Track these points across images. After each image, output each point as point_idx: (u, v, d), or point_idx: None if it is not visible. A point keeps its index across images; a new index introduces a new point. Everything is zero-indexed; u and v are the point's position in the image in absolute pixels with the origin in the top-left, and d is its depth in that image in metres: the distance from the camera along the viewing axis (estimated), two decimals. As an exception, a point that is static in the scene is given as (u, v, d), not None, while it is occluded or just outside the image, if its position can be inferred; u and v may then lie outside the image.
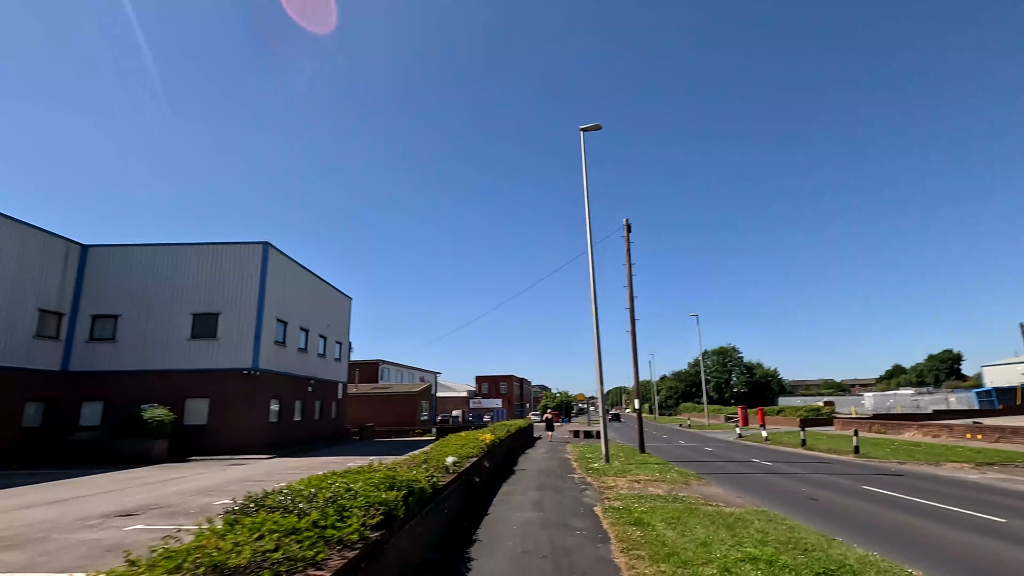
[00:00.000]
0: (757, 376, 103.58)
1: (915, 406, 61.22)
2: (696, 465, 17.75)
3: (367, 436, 37.66)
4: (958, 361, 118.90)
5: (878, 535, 7.83)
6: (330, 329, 34.86)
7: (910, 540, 7.55)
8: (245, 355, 24.82)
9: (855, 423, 34.89)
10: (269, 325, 26.14)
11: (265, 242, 26.23)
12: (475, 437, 13.51)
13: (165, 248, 26.06)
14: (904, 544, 7.31)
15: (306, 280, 31.31)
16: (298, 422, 29.46)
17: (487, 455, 12.64)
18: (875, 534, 7.90)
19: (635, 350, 20.67)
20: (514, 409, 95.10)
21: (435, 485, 6.75)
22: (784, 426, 44.12)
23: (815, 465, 18.06)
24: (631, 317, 20.80)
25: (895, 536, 7.81)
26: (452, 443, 11.91)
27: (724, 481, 13.74)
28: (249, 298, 25.52)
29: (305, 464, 20.03)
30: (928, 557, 6.62)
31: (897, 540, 7.53)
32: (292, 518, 3.79)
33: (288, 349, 28.27)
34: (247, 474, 16.97)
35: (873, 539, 7.49)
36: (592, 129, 18.56)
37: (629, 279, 20.96)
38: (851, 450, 21.49)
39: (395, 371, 61.26)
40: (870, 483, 13.46)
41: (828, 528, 7.90)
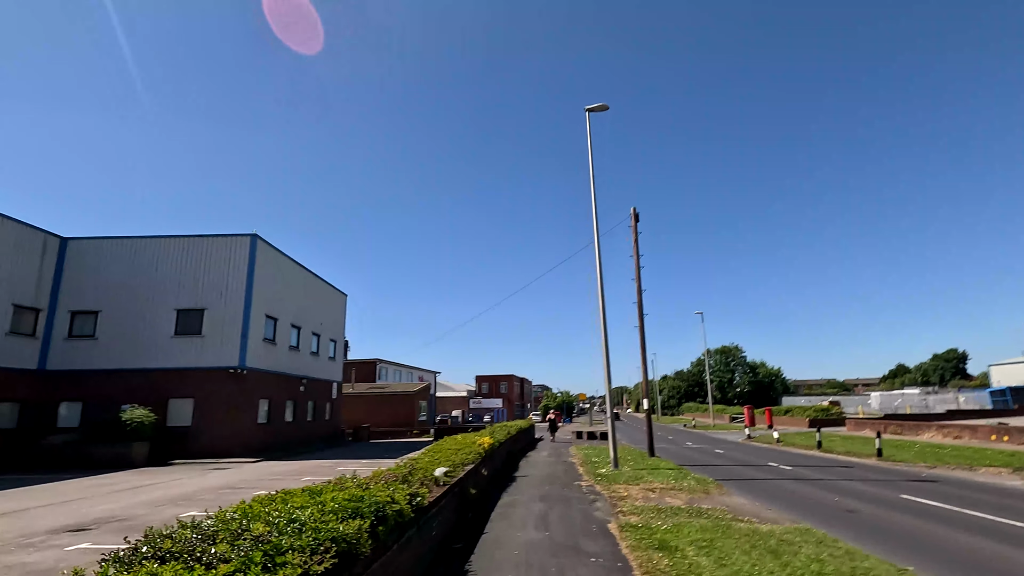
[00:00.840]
0: (760, 376, 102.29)
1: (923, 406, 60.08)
2: (711, 470, 16.51)
3: (363, 437, 36.44)
4: (964, 360, 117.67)
5: (950, 562, 6.59)
6: (324, 327, 33.63)
7: (995, 570, 6.31)
8: (232, 353, 23.59)
9: (868, 423, 33.64)
10: (257, 321, 24.91)
11: (253, 234, 25.00)
12: (472, 441, 12.28)
13: (148, 241, 24.84)
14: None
15: (298, 275, 30.08)
16: (290, 423, 28.24)
17: (485, 461, 11.41)
18: (944, 560, 6.67)
19: (643, 346, 19.43)
20: (514, 409, 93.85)
21: (419, 505, 5.52)
22: (793, 426, 42.83)
23: (838, 470, 16.81)
24: (639, 312, 19.56)
25: (972, 563, 6.57)
26: (446, 448, 10.69)
27: (746, 489, 12.49)
28: (236, 293, 24.29)
29: (293, 468, 18.81)
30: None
31: (978, 570, 6.29)
32: (196, 574, 2.57)
33: (278, 347, 27.05)
34: (227, 480, 15.74)
35: (946, 568, 6.26)
36: (598, 109, 17.33)
37: (637, 271, 19.72)
38: (872, 453, 20.23)
39: (393, 371, 60.03)
40: (907, 491, 12.21)
41: (885, 552, 6.67)
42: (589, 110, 17.37)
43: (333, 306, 35.87)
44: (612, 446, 14.76)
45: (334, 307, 36.03)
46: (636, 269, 19.72)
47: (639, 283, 19.63)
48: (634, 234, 19.95)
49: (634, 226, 20.00)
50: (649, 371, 67.92)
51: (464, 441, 12.24)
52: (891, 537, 7.88)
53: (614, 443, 14.80)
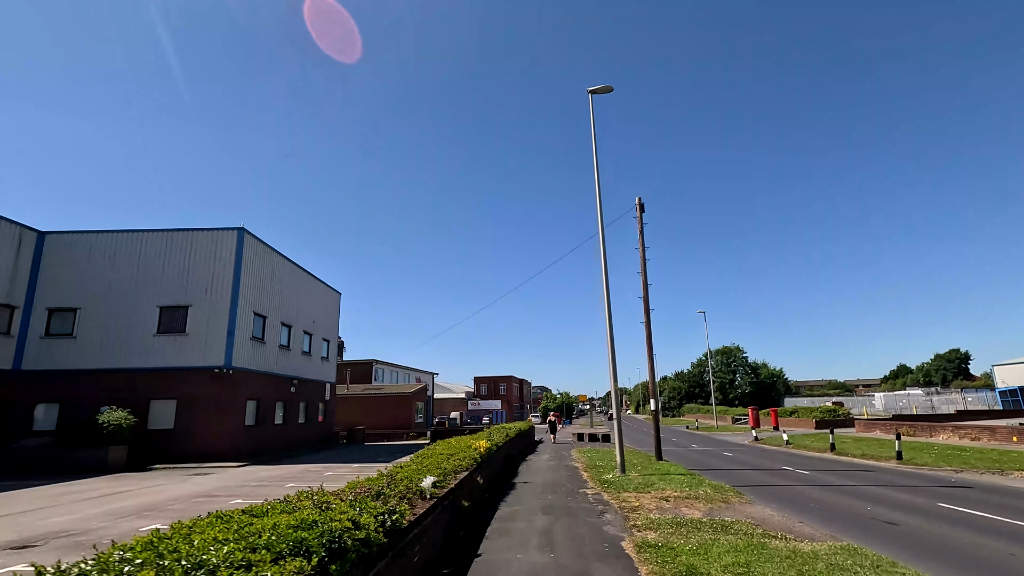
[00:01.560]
0: (762, 376, 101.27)
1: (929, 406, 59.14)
2: (724, 475, 15.44)
3: (357, 440, 35.30)
4: (966, 361, 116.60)
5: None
6: (316, 325, 32.52)
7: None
8: (217, 352, 22.48)
9: (879, 424, 32.60)
10: (245, 319, 23.81)
11: (240, 228, 23.91)
12: (467, 444, 11.21)
13: (130, 235, 23.73)
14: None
15: (289, 272, 28.99)
16: (280, 426, 27.11)
17: (481, 467, 10.33)
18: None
19: (649, 342, 18.37)
20: (513, 411, 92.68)
21: (395, 526, 4.44)
22: (799, 428, 41.77)
23: (859, 475, 15.74)
24: (645, 307, 18.50)
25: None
26: (437, 453, 9.62)
27: (768, 497, 11.42)
28: (222, 289, 23.19)
29: (278, 473, 17.70)
30: None
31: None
32: None
33: (267, 346, 25.94)
34: (205, 487, 14.63)
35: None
36: (602, 91, 16.30)
37: (643, 264, 18.67)
38: (890, 455, 19.20)
39: (390, 371, 58.89)
40: (942, 499, 11.16)
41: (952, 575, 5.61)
42: (592, 92, 16.33)
43: (326, 304, 34.76)
44: (619, 450, 13.68)
45: (327, 306, 34.93)
46: (642, 261, 18.68)
47: (645, 276, 18.59)
48: (639, 224, 18.91)
49: (639, 216, 18.96)
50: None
51: (458, 445, 11.17)
52: (950, 556, 6.81)
53: (621, 446, 13.72)
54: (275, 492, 13.47)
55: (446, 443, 11.72)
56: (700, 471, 15.89)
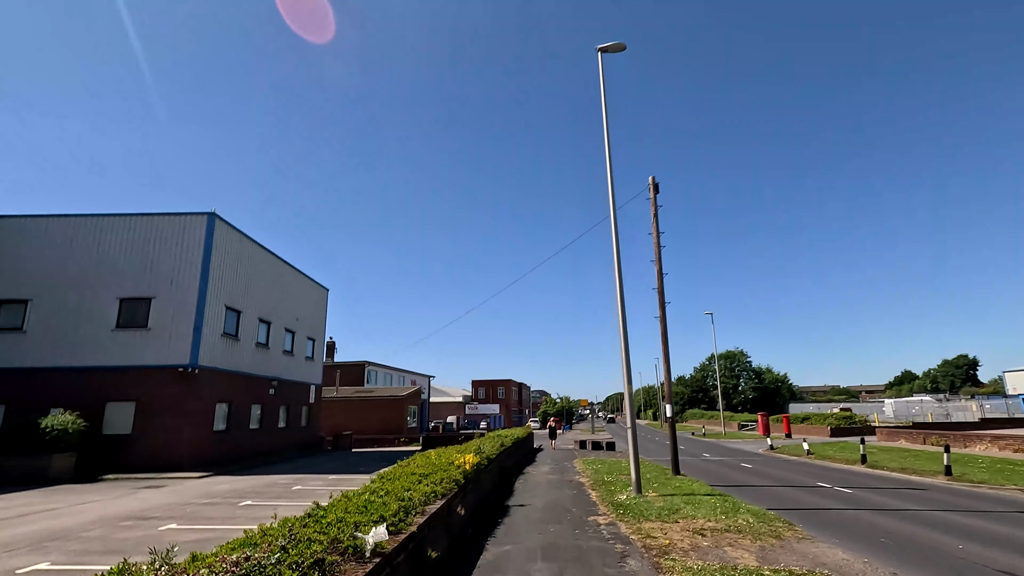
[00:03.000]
0: (766, 381, 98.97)
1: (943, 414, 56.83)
2: (755, 494, 13.22)
3: (344, 446, 33.03)
4: (974, 367, 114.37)
5: None
6: (300, 323, 30.31)
7: None
8: (182, 349, 20.28)
9: (903, 433, 30.34)
10: (215, 314, 21.61)
11: (211, 212, 21.73)
12: (449, 461, 8.99)
13: (88, 220, 21.55)
14: None
15: (268, 264, 26.79)
16: (256, 431, 24.87)
17: (464, 492, 8.11)
18: None
19: (665, 340, 16.17)
20: (512, 415, 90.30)
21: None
22: (813, 435, 39.48)
23: (911, 494, 13.52)
24: (660, 300, 16.31)
25: None
26: (408, 474, 7.42)
27: (824, 527, 9.20)
28: (189, 281, 20.99)
29: (241, 487, 15.43)
30: None
31: None
32: None
33: (242, 343, 23.72)
34: (147, 505, 12.39)
35: None
36: (613, 50, 14.16)
37: (657, 251, 16.49)
38: (935, 470, 16.99)
39: (384, 374, 56.58)
40: (1040, 531, 8.94)
41: None
42: (601, 50, 14.19)
43: (311, 301, 32.56)
44: (634, 465, 11.44)
45: (313, 302, 32.72)
46: (656, 248, 16.50)
47: (660, 265, 16.40)
48: (653, 207, 16.74)
49: (653, 198, 16.80)
50: (651, 377, 63.10)
51: (439, 461, 8.96)
52: None
53: (636, 461, 11.48)
54: (223, 513, 11.24)
55: (424, 457, 9.52)
56: (725, 488, 13.67)
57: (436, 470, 8.03)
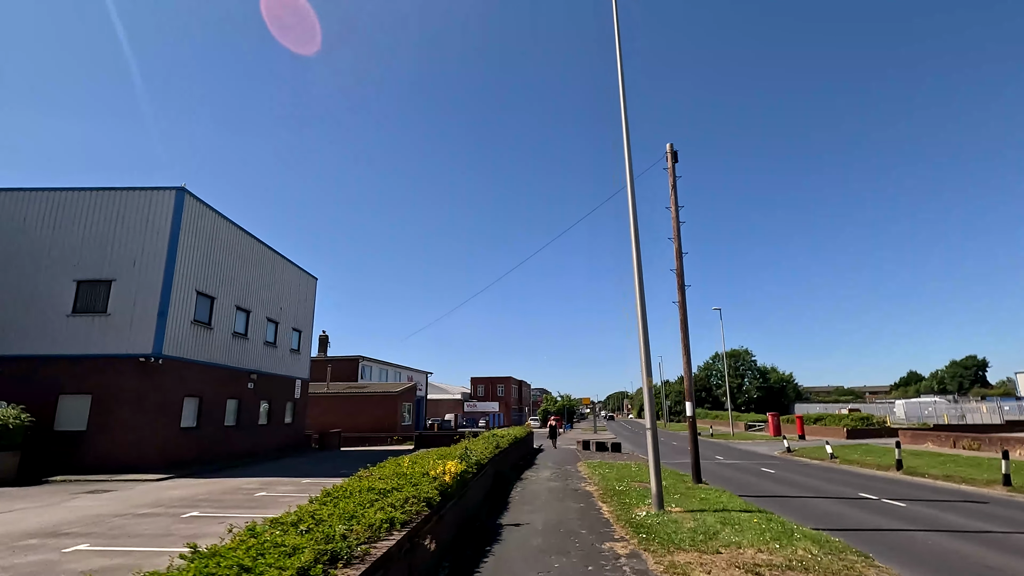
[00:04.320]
0: (771, 381, 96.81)
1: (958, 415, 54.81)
2: (792, 508, 11.23)
3: (332, 445, 31.06)
4: (983, 368, 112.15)
5: None
6: (285, 313, 28.33)
7: None
8: (144, 337, 18.30)
9: (930, 435, 28.30)
10: (183, 299, 19.63)
11: (180, 187, 19.74)
12: (424, 469, 7.00)
13: (42, 195, 19.56)
14: None
15: (248, 248, 24.78)
16: (232, 428, 22.89)
17: (438, 515, 6.08)
18: None
19: (685, 328, 14.14)
20: (512, 414, 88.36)
21: None
22: (828, 437, 37.42)
23: (976, 509, 11.51)
24: (679, 283, 14.28)
25: None
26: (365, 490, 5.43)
27: (905, 559, 7.21)
28: (154, 262, 19.01)
29: (194, 494, 13.44)
30: None
31: None
32: None
33: (216, 332, 21.74)
34: (73, 516, 10.41)
35: None
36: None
37: (675, 227, 14.46)
38: (988, 478, 15.01)
39: (379, 369, 54.57)
40: None
41: None
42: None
43: (298, 290, 30.56)
44: (654, 474, 9.43)
45: (300, 291, 30.72)
46: (674, 223, 14.46)
47: (678, 243, 14.37)
48: (671, 177, 14.71)
49: (671, 167, 14.77)
50: (657, 375, 60.45)
51: (411, 471, 6.96)
52: None
53: (657, 468, 9.47)
54: (156, 529, 9.26)
55: (396, 466, 7.53)
56: (755, 499, 11.68)
57: (404, 484, 6.04)
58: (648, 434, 9.60)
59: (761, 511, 9.33)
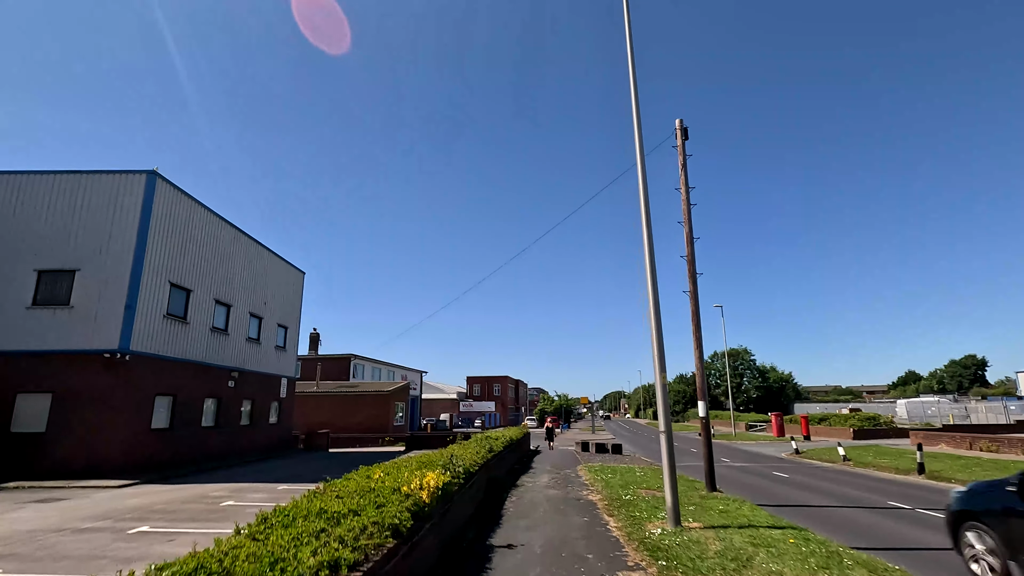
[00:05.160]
0: (771, 380, 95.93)
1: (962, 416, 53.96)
2: (821, 520, 10.00)
3: (319, 446, 29.70)
4: (983, 367, 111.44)
5: None
6: (269, 308, 26.97)
7: None
8: (110, 331, 16.94)
9: (943, 437, 27.17)
10: (154, 291, 18.27)
11: (151, 171, 18.38)
12: (396, 483, 5.70)
13: (2, 178, 18.18)
14: None
15: (228, 238, 23.42)
16: (210, 430, 21.53)
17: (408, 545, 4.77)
18: None
19: (697, 321, 12.90)
20: (508, 413, 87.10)
21: None
22: (833, 437, 36.30)
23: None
24: (690, 271, 13.03)
25: None
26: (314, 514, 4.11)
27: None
28: (121, 251, 17.66)
29: (160, 501, 12.11)
30: None
31: None
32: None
33: (192, 327, 20.38)
34: (3, 532, 9.08)
35: None
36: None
37: (686, 209, 13.21)
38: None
39: (371, 368, 53.21)
40: None
41: None
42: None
43: (284, 284, 29.20)
44: (670, 484, 8.16)
45: (286, 286, 29.36)
46: (684, 206, 13.21)
47: (689, 227, 13.11)
48: (681, 156, 13.46)
49: (681, 145, 13.51)
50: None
51: (380, 486, 5.66)
52: None
53: (673, 477, 8.20)
54: (89, 550, 7.94)
55: (364, 479, 6.23)
56: (777, 510, 10.44)
57: (367, 505, 4.75)
58: (662, 438, 8.34)
59: (795, 528, 8.08)
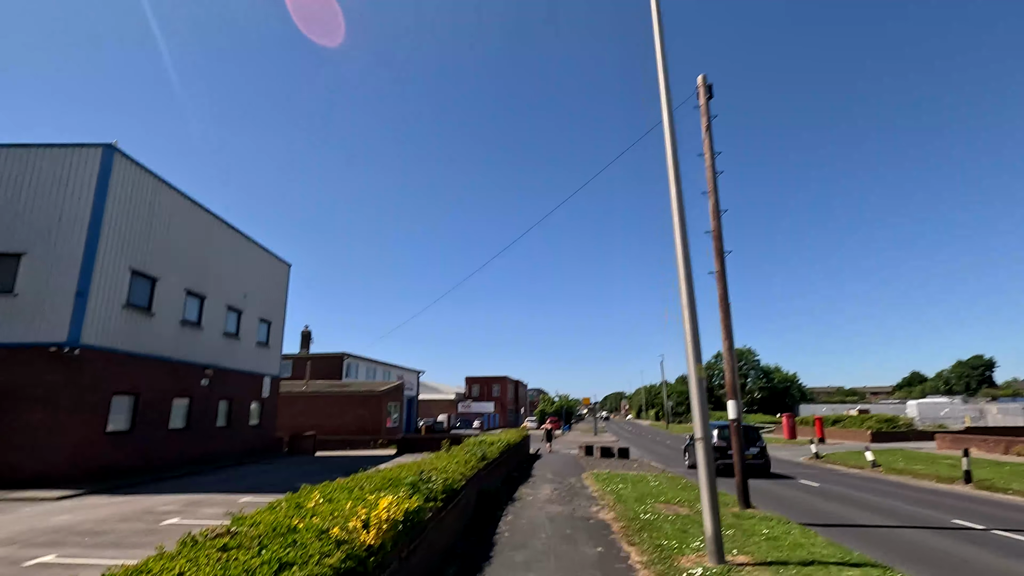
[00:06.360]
0: (776, 381, 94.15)
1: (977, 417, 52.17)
2: (880, 542, 8.15)
3: (304, 449, 27.80)
4: (990, 368, 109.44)
5: None
6: (249, 300, 25.09)
7: None
8: (58, 322, 15.09)
9: (972, 440, 25.33)
10: (112, 277, 16.42)
11: (108, 144, 16.54)
12: (330, 520, 3.82)
13: (-60, 150, 16.34)
14: None
15: (201, 224, 21.56)
16: (180, 432, 19.67)
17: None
18: None
19: (725, 303, 11.06)
20: (508, 414, 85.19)
21: None
22: (849, 440, 34.50)
23: None
24: (717, 246, 11.17)
25: None
26: None
27: None
28: (73, 232, 15.81)
29: (94, 518, 10.20)
30: None
31: None
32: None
33: (158, 320, 18.52)
34: None
35: None
36: None
37: (711, 177, 11.35)
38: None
39: (365, 367, 51.29)
40: None
41: None
42: None
43: (267, 277, 27.34)
44: (709, 507, 6.29)
45: (268, 278, 27.50)
46: (709, 173, 11.36)
47: (715, 196, 11.26)
48: (704, 117, 11.61)
49: (704, 105, 11.67)
50: (655, 376, 55.68)
51: (310, 521, 3.79)
52: None
53: (713, 497, 6.35)
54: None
55: (293, 509, 4.36)
56: (825, 530, 8.58)
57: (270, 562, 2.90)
58: (699, 447, 6.47)
59: (873, 564, 6.19)
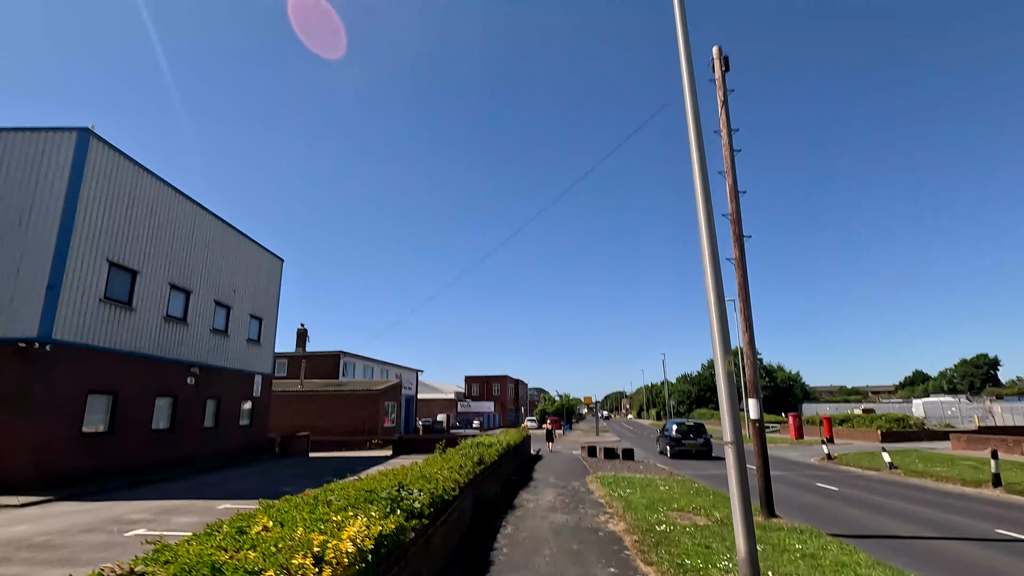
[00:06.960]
0: (778, 380, 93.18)
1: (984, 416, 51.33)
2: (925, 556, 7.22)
3: (296, 451, 26.88)
4: (995, 366, 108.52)
5: None
6: (239, 296, 24.16)
7: None
8: (27, 316, 14.16)
9: (991, 440, 24.36)
10: (88, 269, 15.48)
11: (83, 128, 15.59)
12: (271, 555, 2.86)
13: (-97, 133, 15.38)
14: None
15: (187, 216, 20.62)
16: (163, 433, 18.74)
17: None
18: None
19: (745, 291, 10.10)
20: (508, 414, 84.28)
21: None
22: (858, 440, 33.59)
23: None
24: (735, 231, 10.22)
25: None
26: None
27: None
28: (44, 221, 14.87)
29: (48, 530, 9.23)
30: None
31: None
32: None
33: (139, 315, 17.59)
34: None
35: None
36: None
37: (728, 156, 10.40)
38: None
39: (362, 366, 50.38)
40: None
41: None
42: None
43: (259, 272, 26.38)
44: (742, 524, 5.36)
45: (260, 273, 26.54)
46: (726, 151, 10.41)
47: (732, 176, 10.31)
48: (720, 92, 10.66)
49: (720, 78, 10.71)
50: (656, 375, 54.57)
51: (239, 559, 2.85)
52: None
53: (746, 512, 5.42)
54: None
55: (230, 539, 3.42)
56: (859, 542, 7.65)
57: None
58: (729, 452, 5.53)
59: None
